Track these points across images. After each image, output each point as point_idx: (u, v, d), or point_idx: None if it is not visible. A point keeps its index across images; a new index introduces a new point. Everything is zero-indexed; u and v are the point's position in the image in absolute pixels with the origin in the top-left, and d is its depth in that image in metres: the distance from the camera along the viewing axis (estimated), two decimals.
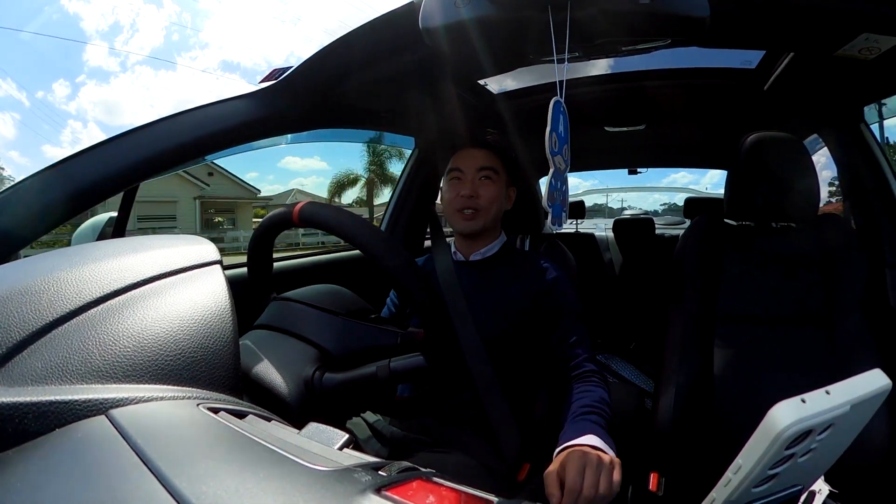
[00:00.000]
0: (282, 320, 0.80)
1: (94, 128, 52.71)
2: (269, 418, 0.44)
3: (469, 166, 1.20)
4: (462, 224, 1.20)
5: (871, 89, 1.43)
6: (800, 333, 1.25)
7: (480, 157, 1.21)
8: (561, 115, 0.80)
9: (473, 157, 1.21)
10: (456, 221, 1.21)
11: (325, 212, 0.77)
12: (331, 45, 1.05)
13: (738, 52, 1.46)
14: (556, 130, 0.80)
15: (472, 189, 1.18)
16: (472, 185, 1.19)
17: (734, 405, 1.23)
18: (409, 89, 1.41)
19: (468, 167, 1.20)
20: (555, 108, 0.78)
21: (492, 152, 1.23)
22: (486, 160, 1.20)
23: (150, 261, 0.49)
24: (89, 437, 0.33)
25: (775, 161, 1.30)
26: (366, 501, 0.29)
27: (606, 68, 1.59)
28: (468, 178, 1.20)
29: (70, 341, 0.39)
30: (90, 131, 52.18)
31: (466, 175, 1.20)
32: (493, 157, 1.22)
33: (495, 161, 1.22)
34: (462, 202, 1.18)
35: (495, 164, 1.21)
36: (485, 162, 1.20)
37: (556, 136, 0.80)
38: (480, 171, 1.19)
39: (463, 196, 1.18)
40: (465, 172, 1.20)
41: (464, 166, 1.21)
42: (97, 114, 56.90)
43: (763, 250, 1.35)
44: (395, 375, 0.70)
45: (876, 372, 0.42)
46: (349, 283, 0.99)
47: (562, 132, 0.81)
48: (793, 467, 0.40)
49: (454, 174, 1.22)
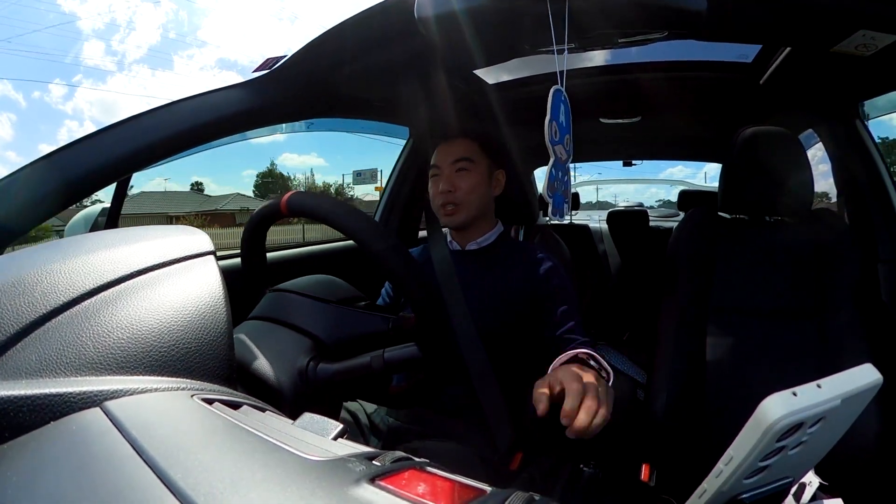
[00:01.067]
0: (274, 311, 0.80)
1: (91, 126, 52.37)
2: (264, 409, 0.44)
3: (444, 161, 1.21)
4: (445, 220, 1.21)
5: (867, 86, 1.44)
6: (792, 327, 1.26)
7: (455, 150, 1.21)
8: (561, 104, 0.80)
9: (448, 151, 1.22)
10: (441, 217, 1.22)
11: (312, 200, 0.77)
12: (325, 34, 1.04)
13: (735, 46, 1.46)
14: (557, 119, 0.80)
15: (449, 183, 1.18)
16: (448, 179, 1.19)
17: (726, 397, 1.24)
18: (404, 79, 1.40)
19: (443, 162, 1.21)
20: (555, 96, 0.78)
21: (467, 140, 1.22)
22: (461, 151, 1.20)
23: (143, 252, 0.48)
24: (84, 429, 0.33)
25: (770, 155, 1.30)
26: (360, 490, 0.29)
27: (602, 60, 1.59)
28: (444, 172, 1.20)
29: (64, 333, 0.38)
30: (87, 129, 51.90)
31: (443, 170, 1.20)
32: (469, 145, 1.22)
33: (471, 149, 1.21)
34: (441, 198, 1.19)
35: (471, 153, 1.20)
36: (459, 154, 1.20)
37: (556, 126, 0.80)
38: (455, 163, 1.19)
39: (441, 192, 1.18)
40: (442, 168, 1.21)
41: (440, 162, 1.21)
42: (94, 113, 56.42)
43: (757, 244, 1.35)
44: (389, 366, 0.70)
45: (867, 367, 0.42)
46: (346, 273, 0.99)
47: (563, 122, 0.81)
48: (784, 459, 0.41)
49: (433, 171, 1.22)
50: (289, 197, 0.77)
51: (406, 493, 0.29)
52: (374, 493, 0.29)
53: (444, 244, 1.22)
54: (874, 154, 1.51)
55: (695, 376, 1.27)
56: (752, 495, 0.43)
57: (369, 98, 1.54)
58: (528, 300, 1.15)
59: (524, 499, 0.31)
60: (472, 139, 1.23)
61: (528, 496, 0.32)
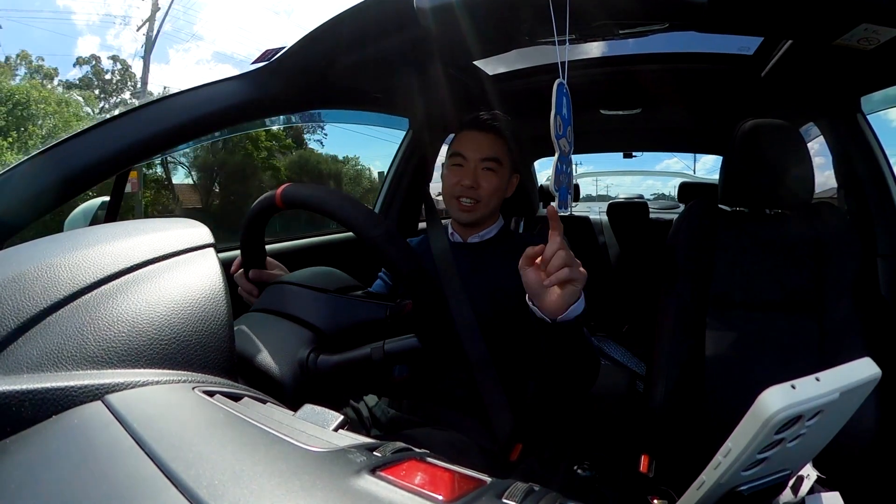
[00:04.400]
0: (274, 302, 0.80)
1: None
2: (265, 400, 0.44)
3: (472, 154, 1.16)
4: (459, 213, 1.18)
5: (869, 80, 1.43)
6: (791, 319, 1.27)
7: (485, 146, 1.17)
8: (564, 97, 0.79)
9: (478, 144, 1.17)
10: (453, 208, 1.19)
11: (306, 191, 0.77)
12: (324, 24, 1.03)
13: (736, 39, 1.45)
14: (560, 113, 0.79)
15: (474, 180, 1.15)
16: (473, 174, 1.15)
17: (725, 389, 1.25)
18: (403, 70, 1.40)
19: (471, 155, 1.16)
20: (558, 90, 0.78)
21: (497, 138, 1.18)
22: (491, 149, 1.16)
23: (143, 245, 0.48)
24: (86, 422, 0.33)
25: (770, 148, 1.30)
26: (360, 481, 0.29)
27: (603, 51, 1.58)
28: (470, 166, 1.16)
29: (65, 328, 0.38)
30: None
31: (469, 163, 1.16)
32: (498, 144, 1.18)
33: (500, 150, 1.17)
34: (462, 191, 1.15)
35: (500, 154, 1.17)
36: (489, 152, 1.16)
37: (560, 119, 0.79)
38: (484, 161, 1.16)
39: (464, 185, 1.15)
40: (468, 160, 1.16)
41: (467, 153, 1.17)
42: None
43: (756, 236, 1.35)
44: (389, 356, 0.71)
45: (866, 360, 0.42)
46: (345, 264, 0.99)
47: (565, 115, 0.80)
48: (782, 452, 0.41)
49: (456, 159, 1.18)
50: (283, 190, 0.77)
51: (406, 484, 0.30)
52: (375, 484, 0.29)
53: (444, 236, 1.21)
54: (875, 149, 1.51)
55: (694, 368, 1.28)
56: (749, 487, 0.44)
57: (368, 89, 1.53)
58: None
59: (524, 489, 0.32)
60: (501, 139, 1.19)
61: (528, 487, 0.32)
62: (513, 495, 0.31)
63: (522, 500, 0.30)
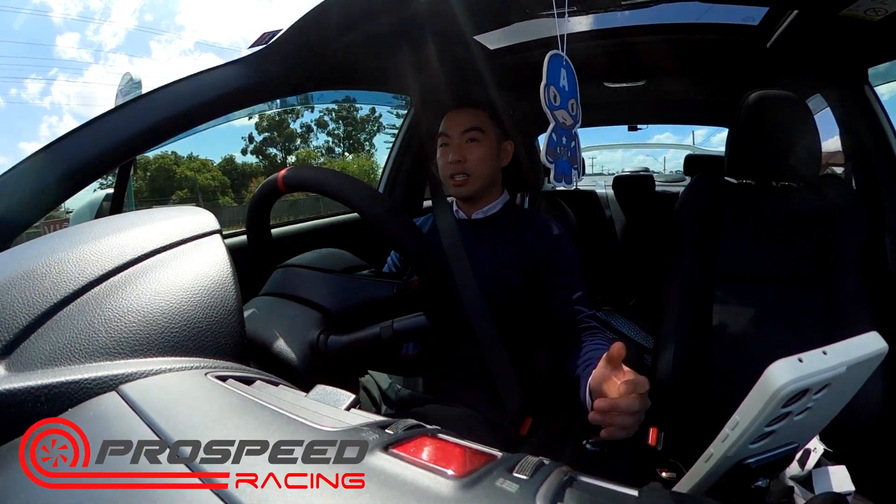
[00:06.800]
0: (282, 286, 0.80)
1: (70, 120, 51.79)
2: (277, 383, 0.45)
3: (455, 130, 1.18)
4: (454, 190, 1.20)
5: (877, 51, 1.40)
6: (798, 292, 1.26)
7: (466, 119, 1.18)
8: (562, 68, 0.78)
9: (458, 120, 1.19)
10: (449, 187, 1.21)
11: (307, 173, 0.77)
12: (321, 4, 1.02)
13: (741, 9, 1.41)
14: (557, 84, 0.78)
15: (460, 153, 1.16)
16: (458, 149, 1.17)
17: (732, 362, 1.25)
18: (403, 47, 1.38)
19: (454, 131, 1.18)
20: (552, 61, 0.77)
21: (478, 110, 1.20)
22: (472, 120, 1.18)
23: (150, 234, 0.49)
24: (102, 413, 0.33)
25: (776, 120, 1.28)
26: (373, 458, 0.30)
27: (606, 23, 1.55)
28: (455, 142, 1.18)
29: (76, 321, 0.39)
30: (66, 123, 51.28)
31: (453, 140, 1.18)
32: (480, 115, 1.19)
33: (482, 119, 1.19)
34: (451, 168, 1.17)
35: (481, 123, 1.18)
36: (470, 123, 1.17)
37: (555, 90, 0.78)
38: (466, 133, 1.17)
39: (451, 162, 1.16)
40: (452, 137, 1.18)
41: (450, 130, 1.19)
42: (73, 106, 55.73)
43: (763, 209, 1.34)
44: (398, 335, 0.71)
45: (873, 334, 0.42)
46: (353, 246, 0.99)
47: (565, 86, 0.79)
48: (789, 425, 0.41)
49: (443, 139, 1.20)
50: (285, 173, 0.77)
51: (418, 460, 0.30)
52: (388, 461, 0.30)
53: (450, 213, 1.21)
54: (882, 120, 1.48)
55: (701, 341, 1.28)
56: (757, 460, 0.44)
57: (367, 68, 1.51)
58: (533, 267, 1.15)
59: (534, 463, 0.32)
60: (481, 107, 1.21)
61: (538, 461, 0.33)
62: (523, 469, 0.31)
63: (533, 473, 0.31)
